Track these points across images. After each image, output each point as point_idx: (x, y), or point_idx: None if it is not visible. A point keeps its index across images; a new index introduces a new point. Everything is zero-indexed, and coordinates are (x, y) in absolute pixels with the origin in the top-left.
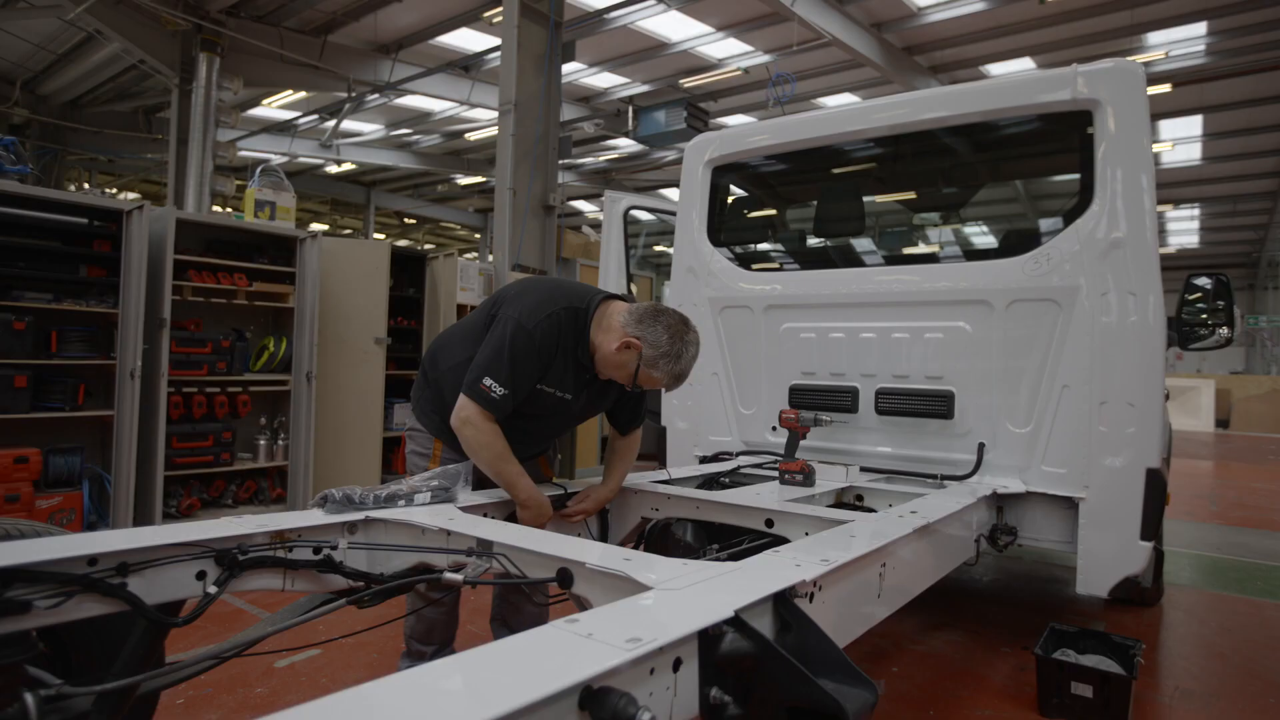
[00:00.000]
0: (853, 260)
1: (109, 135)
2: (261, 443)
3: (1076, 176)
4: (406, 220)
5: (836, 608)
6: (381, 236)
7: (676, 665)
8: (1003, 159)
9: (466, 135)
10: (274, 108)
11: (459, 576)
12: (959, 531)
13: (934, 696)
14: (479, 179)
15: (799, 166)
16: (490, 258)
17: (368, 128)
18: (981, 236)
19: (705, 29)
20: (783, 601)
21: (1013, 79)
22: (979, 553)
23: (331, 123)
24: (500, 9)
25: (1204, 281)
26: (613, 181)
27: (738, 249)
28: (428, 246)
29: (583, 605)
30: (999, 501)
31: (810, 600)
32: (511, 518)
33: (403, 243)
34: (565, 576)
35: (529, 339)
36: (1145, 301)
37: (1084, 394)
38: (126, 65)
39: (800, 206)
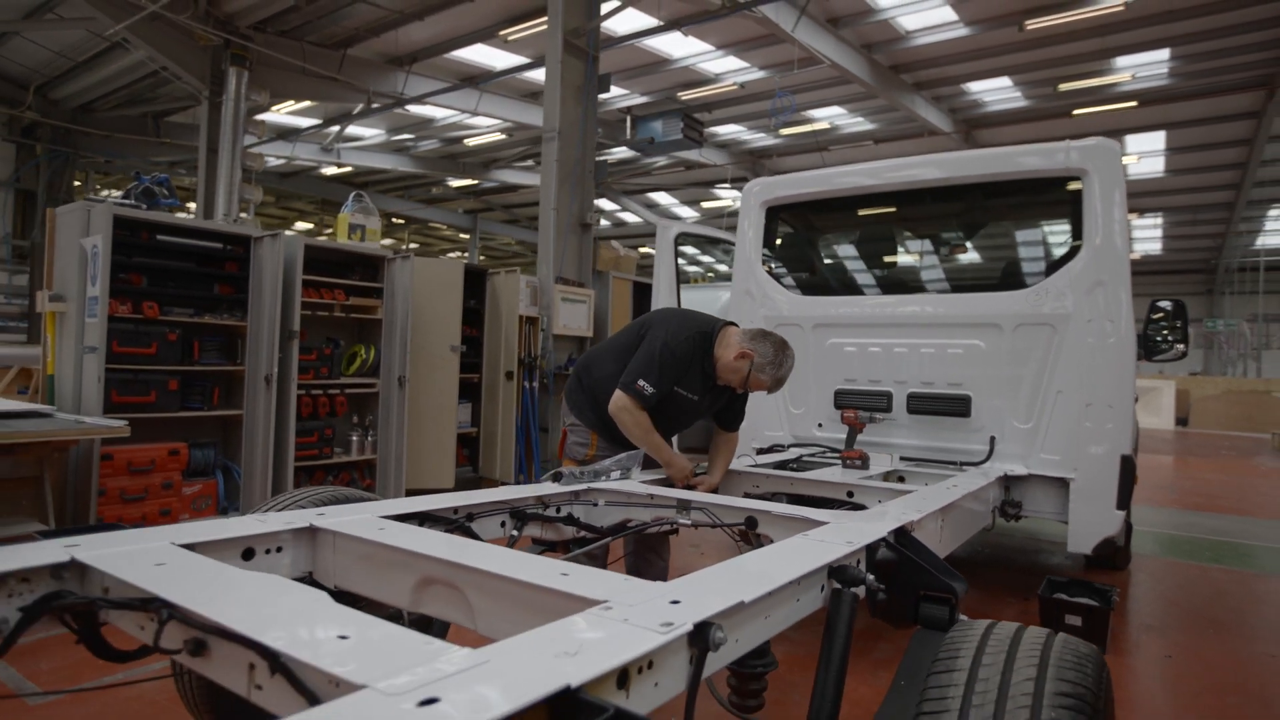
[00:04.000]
0: (887, 289)
1: (119, 139)
2: (354, 439)
3: (1068, 228)
4: (394, 220)
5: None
6: None
7: (858, 563)
8: (1009, 210)
9: (465, 141)
10: (283, 114)
11: (688, 521)
12: (981, 505)
13: None
14: (471, 181)
15: (841, 209)
16: (480, 257)
17: (369, 132)
18: (993, 273)
19: (706, 47)
20: (900, 532)
21: (1018, 149)
22: (994, 522)
23: (335, 127)
24: (517, 28)
25: (1165, 304)
26: (605, 185)
27: (788, 276)
28: (413, 246)
29: (763, 542)
30: (1007, 482)
31: (912, 534)
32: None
33: (387, 241)
34: (751, 521)
35: (673, 353)
36: (1120, 326)
37: (1073, 397)
38: (143, 72)
39: (842, 242)
